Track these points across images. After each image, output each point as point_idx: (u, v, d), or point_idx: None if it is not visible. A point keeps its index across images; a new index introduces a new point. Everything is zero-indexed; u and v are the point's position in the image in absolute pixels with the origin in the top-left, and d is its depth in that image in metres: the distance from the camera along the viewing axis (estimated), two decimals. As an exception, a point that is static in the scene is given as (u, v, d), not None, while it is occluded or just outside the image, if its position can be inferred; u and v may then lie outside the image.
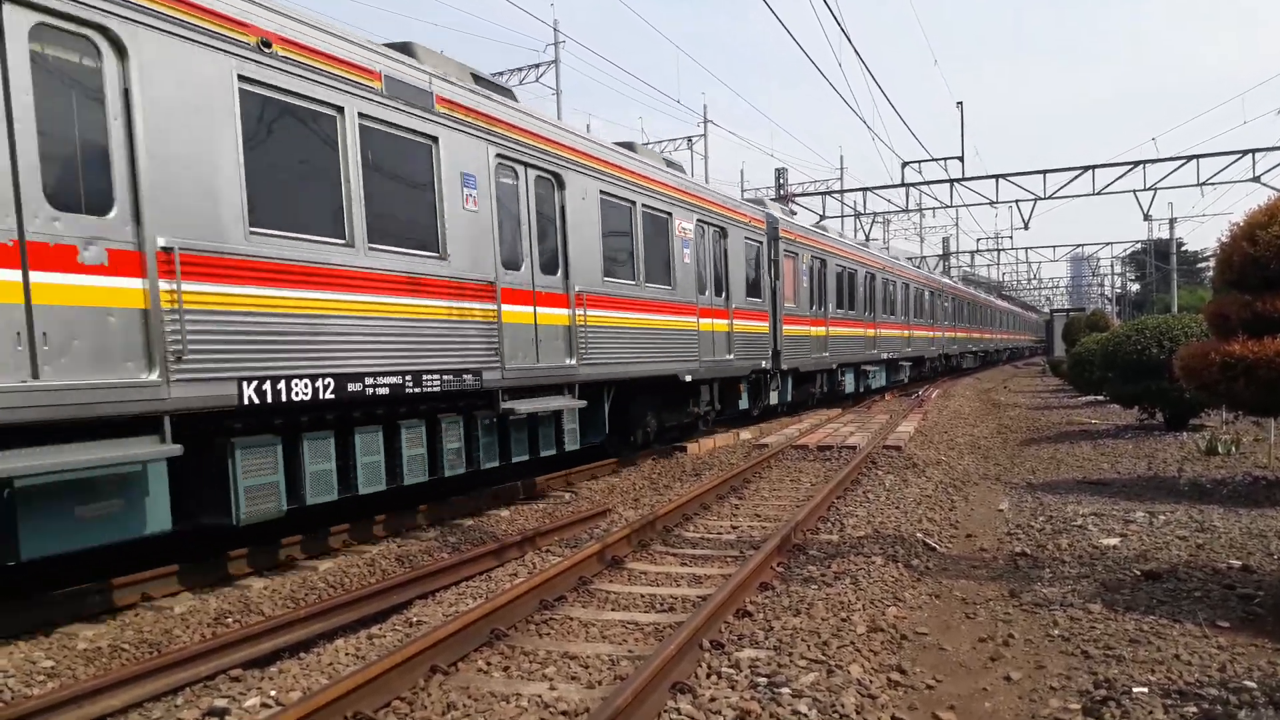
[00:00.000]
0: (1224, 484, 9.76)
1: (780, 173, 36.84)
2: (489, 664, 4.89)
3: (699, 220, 14.10)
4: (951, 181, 27.21)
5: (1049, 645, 4.98)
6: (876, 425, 17.15)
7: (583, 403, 10.77)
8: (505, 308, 9.28)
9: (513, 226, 9.55)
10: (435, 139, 8.37)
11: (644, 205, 12.36)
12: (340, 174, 7.36)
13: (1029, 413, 20.61)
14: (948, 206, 29.17)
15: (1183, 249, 57.20)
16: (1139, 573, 6.25)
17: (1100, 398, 20.45)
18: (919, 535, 7.79)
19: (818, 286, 20.31)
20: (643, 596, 6.16)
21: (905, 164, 26.84)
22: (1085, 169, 26.63)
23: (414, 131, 8.14)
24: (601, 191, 11.24)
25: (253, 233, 6.55)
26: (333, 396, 7.16)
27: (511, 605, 5.53)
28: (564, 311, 10.40)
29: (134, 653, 5.59)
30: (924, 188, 28.48)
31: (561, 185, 10.40)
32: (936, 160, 26.37)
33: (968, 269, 65.37)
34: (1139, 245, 62.55)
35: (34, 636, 5.81)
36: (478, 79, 9.32)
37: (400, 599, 6.46)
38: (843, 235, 26.30)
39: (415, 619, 5.83)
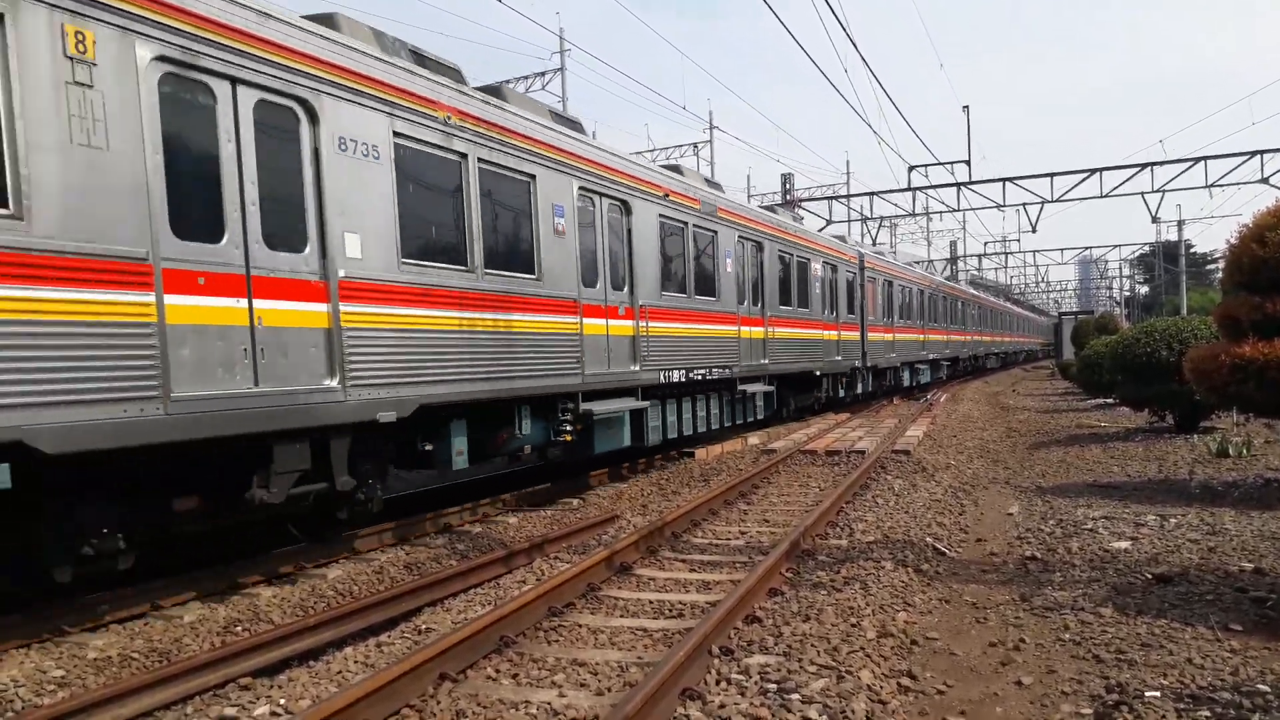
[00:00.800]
0: (1235, 486, 9.70)
1: (786, 178, 36.90)
2: (498, 671, 4.89)
3: (824, 262, 20.34)
4: (958, 185, 27.14)
5: (1060, 649, 4.95)
6: (885, 430, 17.11)
7: (772, 387, 16.73)
8: (741, 328, 15.26)
9: (741, 276, 15.44)
10: (716, 232, 14.44)
11: (797, 255, 18.35)
12: (684, 257, 13.36)
13: (1038, 416, 20.52)
14: (955, 210, 29.07)
15: (1191, 251, 57.00)
16: (1150, 576, 6.21)
17: (1110, 400, 20.36)
18: (928, 540, 7.76)
19: (887, 302, 25.93)
20: (651, 603, 6.15)
21: (912, 168, 26.81)
22: (1092, 171, 26.54)
23: (710, 229, 14.19)
24: (779, 250, 17.31)
25: (662, 294, 12.47)
26: (684, 379, 12.92)
27: (520, 612, 5.52)
28: (761, 329, 16.28)
29: (144, 662, 5.60)
30: (931, 191, 28.45)
31: (761, 249, 16.47)
32: (943, 164, 26.29)
33: (975, 273, 65.19)
34: (1147, 247, 62.45)
35: (44, 645, 5.83)
36: (709, 181, 15.15)
37: (409, 606, 6.46)
38: (919, 266, 33.31)
39: (424, 626, 5.83)
